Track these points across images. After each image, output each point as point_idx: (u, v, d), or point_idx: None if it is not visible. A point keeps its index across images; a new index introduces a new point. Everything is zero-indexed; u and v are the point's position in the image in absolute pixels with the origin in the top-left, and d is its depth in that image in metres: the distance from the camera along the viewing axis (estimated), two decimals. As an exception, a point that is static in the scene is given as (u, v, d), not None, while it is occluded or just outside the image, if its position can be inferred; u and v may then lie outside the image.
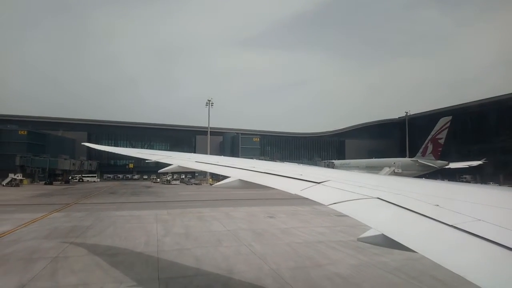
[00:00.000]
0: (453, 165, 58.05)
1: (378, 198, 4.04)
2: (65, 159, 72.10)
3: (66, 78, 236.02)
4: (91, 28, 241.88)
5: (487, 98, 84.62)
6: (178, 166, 8.61)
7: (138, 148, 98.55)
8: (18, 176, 65.06)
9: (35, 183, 72.62)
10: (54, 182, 71.58)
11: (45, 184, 69.64)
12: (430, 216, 3.18)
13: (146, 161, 10.41)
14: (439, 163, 53.95)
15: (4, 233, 17.07)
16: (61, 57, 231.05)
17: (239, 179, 6.33)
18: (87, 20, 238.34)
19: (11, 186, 62.38)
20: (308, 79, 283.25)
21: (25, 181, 68.69)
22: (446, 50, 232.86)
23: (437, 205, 3.49)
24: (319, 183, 5.18)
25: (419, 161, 54.77)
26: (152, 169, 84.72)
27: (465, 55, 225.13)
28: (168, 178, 77.24)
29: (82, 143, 16.65)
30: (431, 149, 53.49)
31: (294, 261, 12.47)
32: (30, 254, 13.06)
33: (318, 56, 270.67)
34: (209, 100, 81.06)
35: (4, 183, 63.75)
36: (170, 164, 8.73)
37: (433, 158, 53.46)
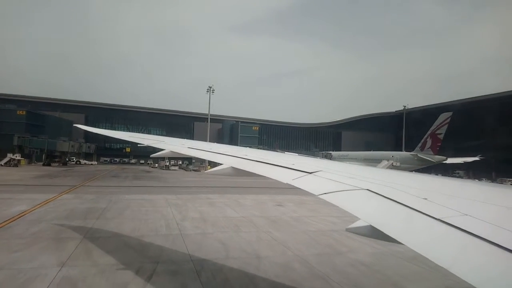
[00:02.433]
0: (450, 161, 59.02)
1: (367, 189, 4.07)
2: (63, 141, 71.86)
3: (65, 57, 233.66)
4: (91, 9, 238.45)
5: (484, 95, 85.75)
6: (170, 151, 8.63)
7: (135, 132, 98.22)
8: (16, 156, 64.75)
9: (33, 164, 72.36)
10: (52, 164, 71.41)
11: (43, 165, 69.42)
12: (418, 209, 3.21)
13: (138, 145, 10.37)
14: (438, 158, 54.82)
15: (23, 212, 17.29)
16: (61, 37, 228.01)
17: (232, 167, 6.40)
18: (86, 2, 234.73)
19: (10, 166, 62.13)
20: (306, 68, 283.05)
21: (23, 161, 68.40)
22: (444, 44, 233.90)
23: (426, 199, 3.52)
24: (310, 173, 5.26)
25: (419, 155, 55.59)
26: (149, 154, 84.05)
27: (463, 50, 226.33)
28: (167, 164, 77.45)
29: (75, 125, 16.47)
30: (430, 144, 54.27)
31: (315, 248, 12.98)
32: (57, 234, 13.36)
33: (317, 46, 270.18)
34: (210, 87, 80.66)
35: (2, 162, 63.41)
36: (162, 149, 8.72)
37: (431, 153, 54.29)
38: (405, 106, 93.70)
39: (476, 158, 63.21)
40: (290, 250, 12.45)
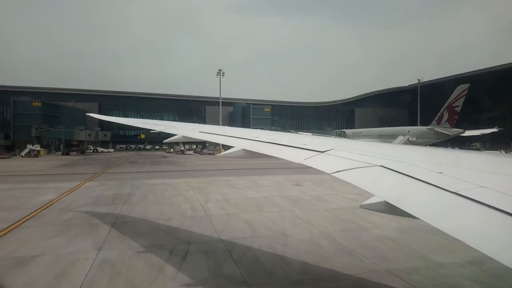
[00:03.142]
0: (467, 133, 58.04)
1: (381, 166, 4.07)
2: (80, 130, 73.30)
3: (76, 47, 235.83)
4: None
5: (500, 65, 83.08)
6: (183, 136, 8.70)
7: (148, 118, 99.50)
8: (36, 147, 66.47)
9: (52, 154, 74.19)
10: (70, 153, 73.17)
11: (62, 154, 71.28)
12: (433, 183, 3.20)
13: (151, 131, 10.56)
14: (455, 131, 53.95)
15: (52, 200, 17.89)
16: (68, 26, 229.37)
17: (243, 149, 6.43)
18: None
19: (30, 156, 63.94)
20: (315, 46, 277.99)
21: (42, 151, 70.18)
22: (455, 15, 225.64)
23: (441, 172, 3.50)
24: (322, 152, 5.25)
25: (435, 129, 54.73)
26: (163, 140, 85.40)
27: (475, 19, 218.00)
28: (182, 148, 78.36)
29: (87, 114, 16.60)
30: (447, 117, 53.32)
31: (339, 225, 13.11)
32: (88, 220, 13.83)
33: (325, 22, 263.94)
34: (219, 70, 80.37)
35: (23, 154, 65.33)
36: (174, 134, 8.81)
37: (448, 126, 53.40)
38: (419, 80, 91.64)
39: (494, 130, 61.96)
40: (315, 228, 12.64)
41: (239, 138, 7.44)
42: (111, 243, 10.66)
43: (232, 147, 6.77)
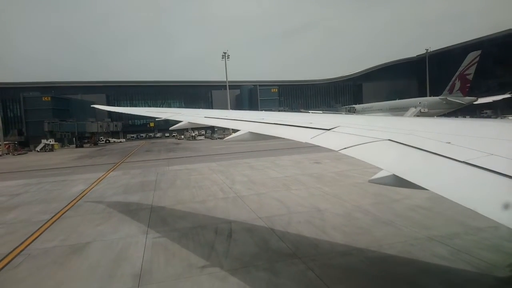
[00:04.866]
0: (480, 101, 57.29)
1: (388, 140, 4.06)
2: (92, 121, 74.09)
3: (78, 40, 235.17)
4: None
5: (505, 30, 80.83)
6: (188, 122, 8.83)
7: (155, 106, 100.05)
8: (50, 141, 67.55)
9: (66, 147, 75.30)
10: (84, 145, 74.28)
11: (77, 147, 72.35)
12: (441, 154, 3.16)
13: (157, 119, 10.71)
14: (468, 99, 53.27)
15: (84, 191, 18.49)
16: (69, 18, 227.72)
17: (249, 132, 6.51)
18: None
19: (45, 151, 65.03)
20: (316, 20, 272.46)
21: (56, 145, 71.12)
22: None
23: (449, 143, 3.47)
24: (329, 129, 5.29)
25: (448, 98, 54.10)
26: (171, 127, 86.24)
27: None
28: (193, 134, 78.95)
29: (92, 105, 16.42)
30: (459, 86, 52.58)
31: (369, 198, 13.36)
32: (126, 207, 14.32)
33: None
34: (224, 53, 79.66)
35: (38, 148, 66.45)
36: (180, 121, 8.92)
37: (461, 94, 52.74)
38: (427, 49, 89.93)
39: (507, 95, 60.97)
40: (346, 202, 12.97)
41: (245, 121, 7.57)
42: (155, 226, 11.14)
43: (238, 130, 6.90)
